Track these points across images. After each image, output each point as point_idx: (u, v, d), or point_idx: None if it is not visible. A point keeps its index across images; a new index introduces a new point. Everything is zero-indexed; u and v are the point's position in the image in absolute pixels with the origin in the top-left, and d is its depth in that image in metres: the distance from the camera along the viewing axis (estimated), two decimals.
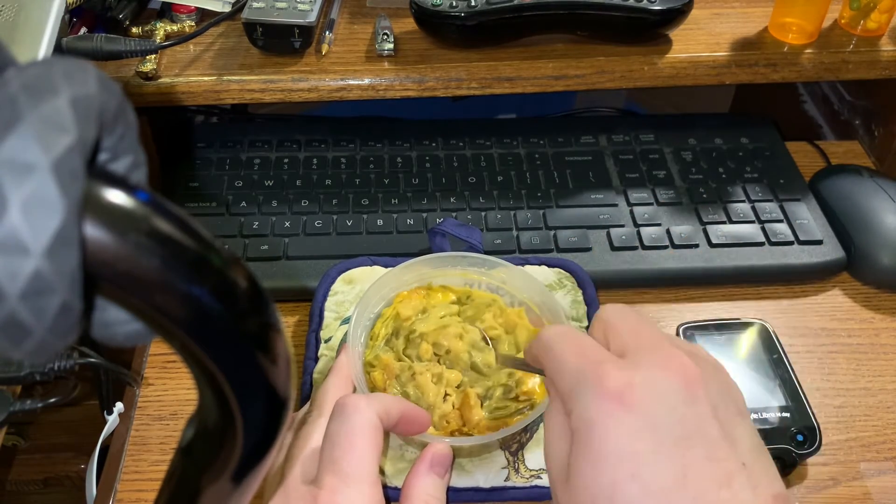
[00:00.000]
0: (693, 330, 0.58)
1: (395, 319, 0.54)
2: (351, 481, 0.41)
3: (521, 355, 0.53)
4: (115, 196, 0.18)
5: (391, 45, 0.67)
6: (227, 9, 0.69)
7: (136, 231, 0.18)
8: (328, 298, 0.59)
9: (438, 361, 0.52)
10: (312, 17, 0.65)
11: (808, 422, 0.52)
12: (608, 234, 0.65)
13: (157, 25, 0.68)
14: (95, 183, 0.18)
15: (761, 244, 0.65)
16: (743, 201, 0.68)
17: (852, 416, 0.55)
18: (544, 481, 0.49)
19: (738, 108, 0.98)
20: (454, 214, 0.66)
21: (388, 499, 0.49)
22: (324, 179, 0.70)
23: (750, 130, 0.76)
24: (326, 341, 0.56)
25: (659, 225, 0.66)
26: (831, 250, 0.64)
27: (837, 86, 0.85)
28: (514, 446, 0.51)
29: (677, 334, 0.58)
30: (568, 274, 0.61)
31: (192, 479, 0.25)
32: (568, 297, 0.59)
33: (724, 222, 0.66)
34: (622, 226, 0.66)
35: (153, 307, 0.19)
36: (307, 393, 0.53)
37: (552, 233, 0.65)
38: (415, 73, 0.67)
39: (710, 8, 0.75)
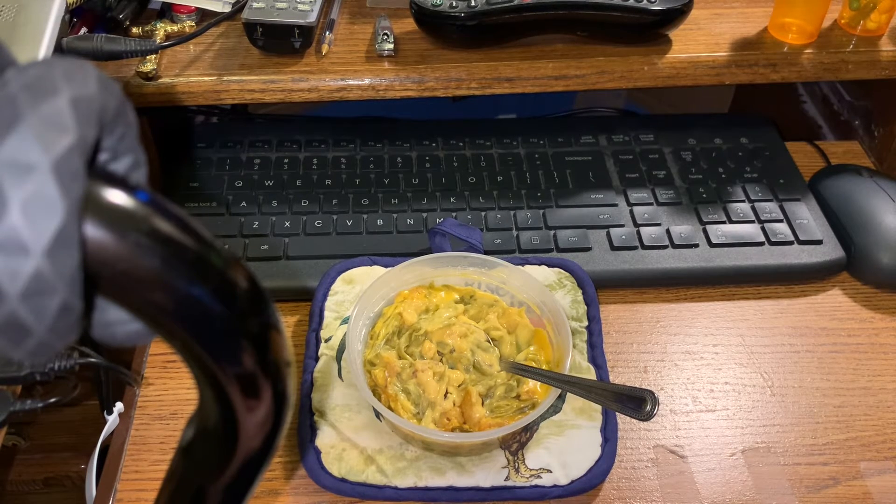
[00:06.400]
0: None
1: (396, 319, 0.54)
2: None
3: (521, 358, 0.53)
4: (115, 196, 0.18)
5: (391, 46, 0.67)
6: (227, 9, 0.69)
7: (137, 231, 0.18)
8: (328, 298, 0.59)
9: (441, 360, 0.52)
10: (312, 18, 0.65)
11: None
12: (608, 234, 0.65)
13: (158, 25, 0.68)
14: (95, 183, 0.18)
15: (761, 244, 0.65)
16: (743, 201, 0.68)
17: (852, 416, 0.55)
18: (544, 481, 0.49)
19: (738, 108, 0.98)
20: (454, 214, 0.66)
21: (388, 499, 0.49)
22: (324, 179, 0.70)
23: (749, 130, 0.76)
24: (326, 341, 0.56)
25: (659, 225, 0.66)
26: (831, 250, 0.64)
27: (837, 86, 0.85)
28: (515, 446, 0.51)
29: None
30: (568, 274, 0.61)
31: (192, 479, 0.25)
32: (568, 296, 0.59)
33: (723, 222, 0.66)
34: (622, 226, 0.66)
35: (153, 307, 0.19)
36: (307, 392, 0.53)
37: (552, 233, 0.65)
38: (415, 73, 0.67)
39: (710, 8, 0.75)
